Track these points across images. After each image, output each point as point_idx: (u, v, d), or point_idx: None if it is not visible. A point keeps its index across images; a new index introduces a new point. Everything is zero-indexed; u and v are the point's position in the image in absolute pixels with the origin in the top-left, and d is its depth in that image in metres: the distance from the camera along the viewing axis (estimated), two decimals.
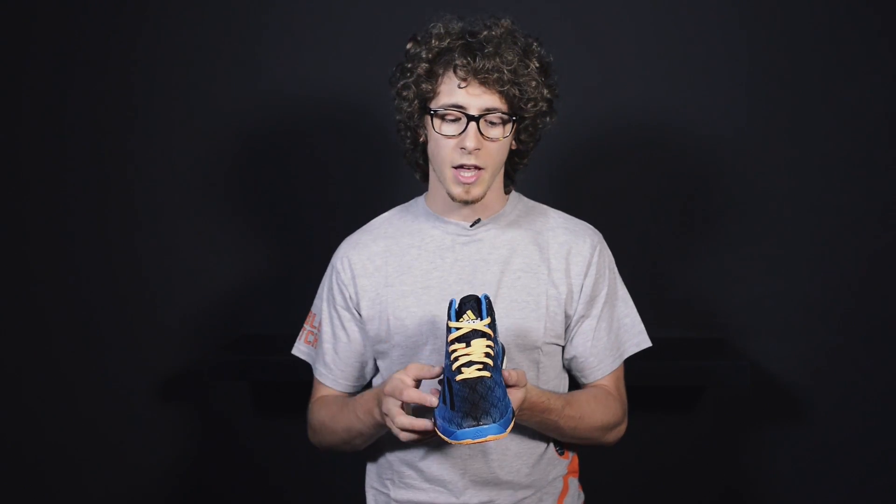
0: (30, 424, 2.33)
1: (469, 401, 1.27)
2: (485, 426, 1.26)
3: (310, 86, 2.23)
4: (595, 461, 1.86)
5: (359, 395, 1.54)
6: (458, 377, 1.30)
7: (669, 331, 2.18)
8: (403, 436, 1.37)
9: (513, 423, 1.30)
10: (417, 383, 1.39)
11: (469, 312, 1.35)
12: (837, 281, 2.19)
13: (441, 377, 1.37)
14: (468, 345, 1.32)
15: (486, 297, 1.37)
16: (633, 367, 1.72)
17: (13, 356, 2.32)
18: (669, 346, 2.14)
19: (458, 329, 1.34)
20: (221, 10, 2.24)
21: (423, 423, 1.35)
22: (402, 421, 1.36)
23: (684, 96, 2.19)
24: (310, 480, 2.31)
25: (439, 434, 1.30)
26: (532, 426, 1.51)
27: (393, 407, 1.37)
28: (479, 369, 1.30)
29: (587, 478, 1.75)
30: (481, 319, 1.34)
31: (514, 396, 1.35)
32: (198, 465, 2.33)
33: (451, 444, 1.29)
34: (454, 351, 1.32)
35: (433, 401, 1.34)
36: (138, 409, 2.30)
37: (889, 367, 2.20)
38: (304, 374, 1.86)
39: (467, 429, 1.26)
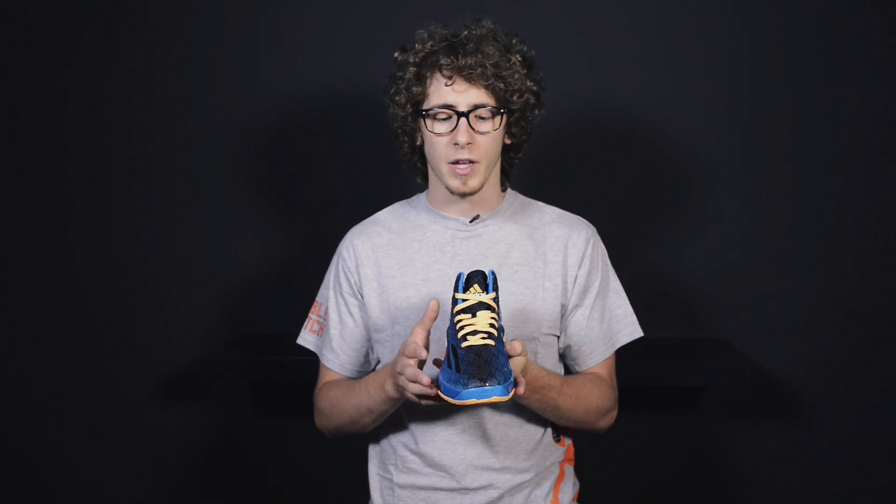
0: (30, 424, 2.33)
1: (475, 364, 1.31)
2: (489, 387, 1.29)
3: (310, 85, 2.23)
4: (594, 460, 1.86)
5: (371, 374, 1.59)
6: (464, 344, 1.33)
7: (670, 331, 2.19)
8: (412, 388, 1.38)
9: (514, 390, 1.33)
10: (427, 342, 1.43)
11: (476, 286, 1.39)
12: (837, 281, 2.19)
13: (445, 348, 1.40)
14: (474, 315, 1.36)
15: (493, 273, 1.41)
16: (634, 367, 1.73)
17: (13, 357, 2.32)
18: (669, 346, 2.15)
19: (464, 301, 1.38)
20: (223, 9, 2.24)
21: (428, 379, 1.37)
22: (411, 372, 1.38)
23: (684, 95, 2.19)
24: (310, 480, 2.31)
25: (442, 396, 1.34)
26: (532, 405, 1.54)
27: (406, 362, 1.40)
28: (483, 338, 1.34)
29: (587, 477, 1.75)
30: (487, 293, 1.38)
31: (516, 364, 1.39)
32: (198, 465, 2.33)
33: (455, 404, 1.32)
34: (460, 321, 1.36)
35: (425, 380, 1.36)
36: (138, 409, 2.31)
37: (889, 367, 2.20)
38: (304, 375, 1.86)
39: (473, 389, 1.29)
